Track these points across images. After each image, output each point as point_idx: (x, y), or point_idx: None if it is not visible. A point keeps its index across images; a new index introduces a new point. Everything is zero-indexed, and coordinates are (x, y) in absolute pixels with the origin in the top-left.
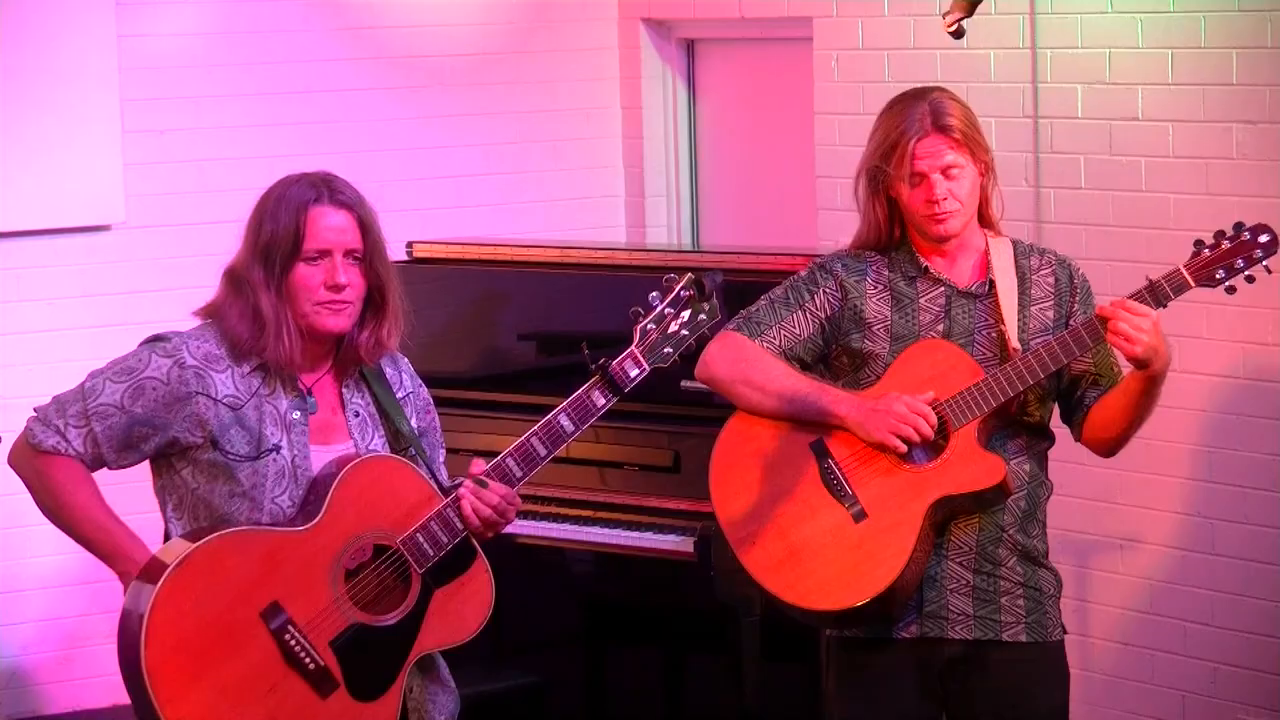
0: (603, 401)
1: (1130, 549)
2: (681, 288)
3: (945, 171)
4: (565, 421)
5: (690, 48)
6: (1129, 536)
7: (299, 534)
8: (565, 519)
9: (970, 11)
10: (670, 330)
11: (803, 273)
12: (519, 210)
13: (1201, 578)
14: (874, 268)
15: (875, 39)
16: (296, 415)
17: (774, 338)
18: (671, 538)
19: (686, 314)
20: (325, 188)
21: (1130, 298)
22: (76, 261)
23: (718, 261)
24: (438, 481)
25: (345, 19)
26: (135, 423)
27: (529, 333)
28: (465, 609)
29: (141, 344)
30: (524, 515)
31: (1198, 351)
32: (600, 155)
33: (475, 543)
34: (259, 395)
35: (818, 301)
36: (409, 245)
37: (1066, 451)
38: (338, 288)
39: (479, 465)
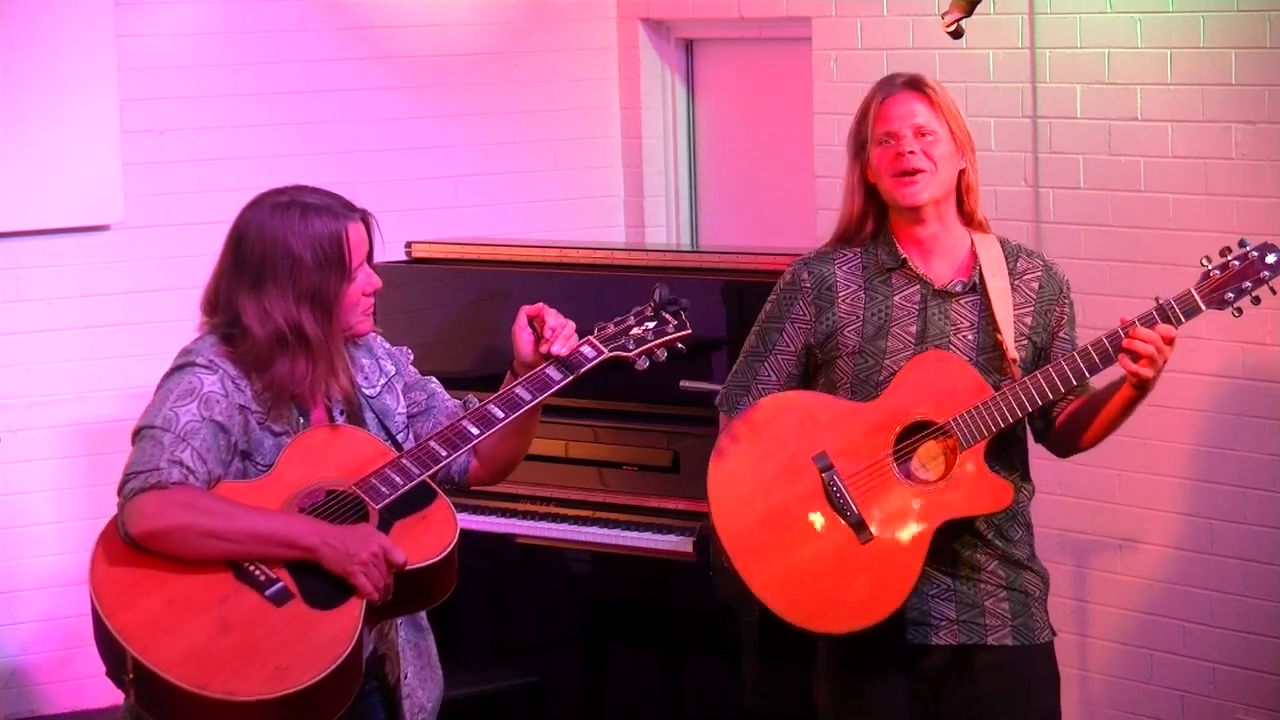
0: (558, 376)
1: (1129, 549)
2: (646, 307)
3: (917, 131)
4: (522, 391)
5: (689, 48)
6: (1128, 536)
7: (249, 483)
8: (564, 519)
9: (969, 12)
10: (632, 332)
11: (768, 307)
12: (518, 210)
13: (1201, 578)
14: (845, 267)
15: (874, 39)
16: (302, 420)
17: (767, 386)
18: (671, 538)
19: (651, 324)
20: (341, 205)
21: (1140, 320)
22: (76, 261)
23: (716, 261)
24: (396, 444)
25: (344, 19)
26: (219, 430)
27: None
28: (429, 534)
29: (177, 360)
30: (524, 515)
31: (1197, 351)
32: (599, 155)
33: (434, 487)
34: (272, 408)
35: (788, 334)
36: (408, 245)
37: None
38: (378, 290)
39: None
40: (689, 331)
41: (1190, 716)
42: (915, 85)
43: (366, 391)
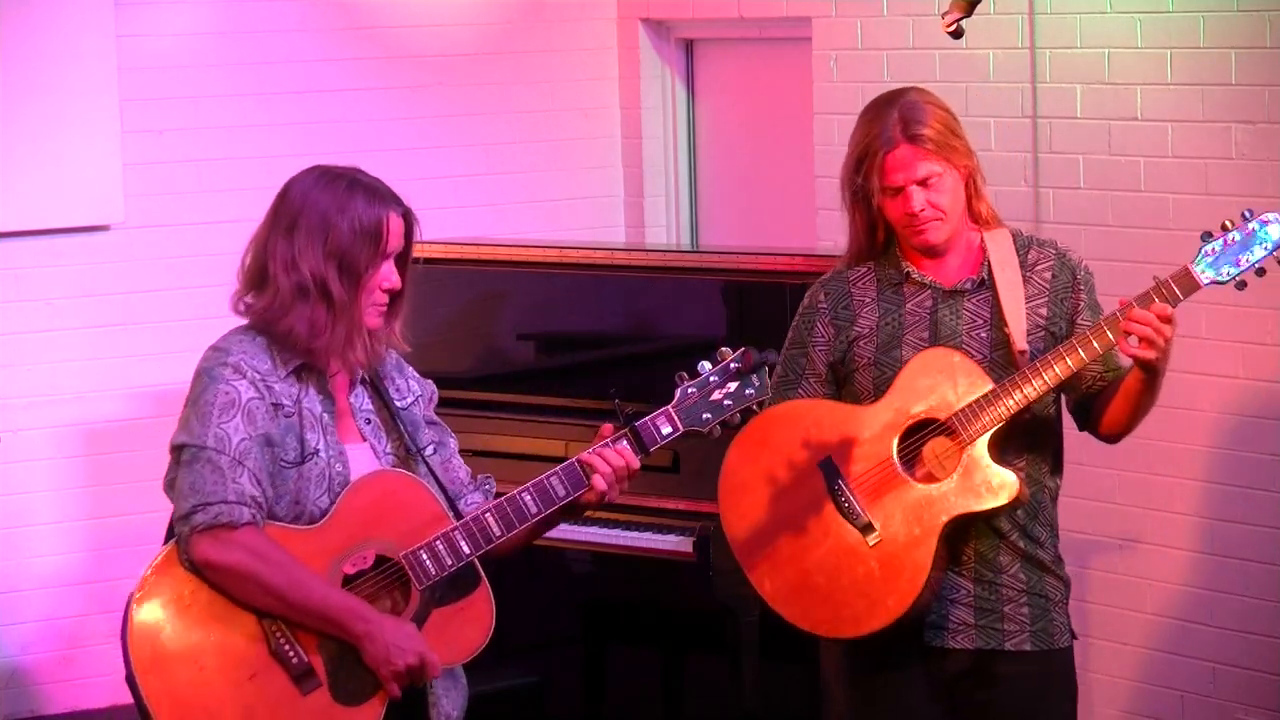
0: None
1: (1130, 549)
2: (731, 360)
3: (922, 183)
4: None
5: (689, 48)
6: (1129, 536)
7: (303, 532)
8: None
9: (969, 11)
10: (713, 397)
11: (791, 334)
12: (517, 210)
13: (1201, 578)
14: (859, 283)
15: (874, 39)
16: (326, 417)
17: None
18: (671, 538)
19: (733, 385)
20: (388, 193)
21: (1136, 300)
22: (76, 261)
23: (716, 261)
24: (451, 504)
25: (344, 19)
26: (266, 444)
27: (527, 333)
28: (463, 632)
29: (205, 362)
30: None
31: (1198, 351)
32: (599, 155)
33: (480, 569)
34: (299, 400)
35: (813, 357)
36: None
37: (1066, 452)
38: (394, 290)
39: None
40: (769, 395)
41: (1190, 716)
42: (911, 137)
43: (398, 403)
